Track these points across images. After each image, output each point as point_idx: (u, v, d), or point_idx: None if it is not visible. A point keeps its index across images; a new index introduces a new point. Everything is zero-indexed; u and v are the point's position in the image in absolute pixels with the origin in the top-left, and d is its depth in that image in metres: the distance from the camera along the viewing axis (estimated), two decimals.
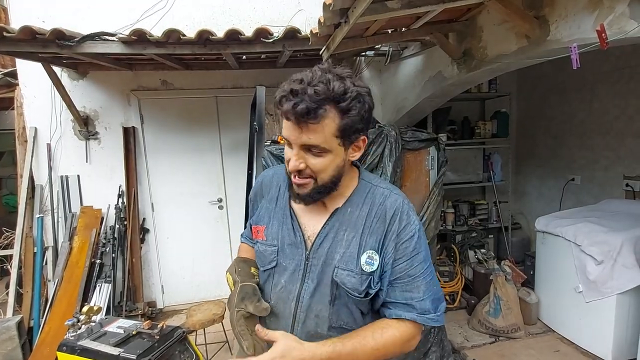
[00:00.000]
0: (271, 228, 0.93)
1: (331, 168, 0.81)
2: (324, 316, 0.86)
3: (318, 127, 0.75)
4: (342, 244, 0.86)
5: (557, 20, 1.56)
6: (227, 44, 2.19)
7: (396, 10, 1.44)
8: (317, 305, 0.86)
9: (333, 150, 0.79)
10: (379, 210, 0.87)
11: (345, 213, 0.88)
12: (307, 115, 0.73)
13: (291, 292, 0.87)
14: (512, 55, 1.82)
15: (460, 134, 3.79)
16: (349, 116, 0.76)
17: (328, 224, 0.88)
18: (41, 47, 2.04)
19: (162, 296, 3.52)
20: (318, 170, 0.80)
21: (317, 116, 0.73)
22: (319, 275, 0.86)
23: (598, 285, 2.40)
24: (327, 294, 0.85)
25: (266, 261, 0.92)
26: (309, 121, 0.74)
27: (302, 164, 0.80)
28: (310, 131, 0.75)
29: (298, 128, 0.76)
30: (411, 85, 2.85)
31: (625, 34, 1.27)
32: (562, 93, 3.54)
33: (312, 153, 0.79)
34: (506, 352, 2.63)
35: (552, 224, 2.78)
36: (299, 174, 0.81)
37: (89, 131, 3.12)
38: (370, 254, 0.84)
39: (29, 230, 3.01)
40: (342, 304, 0.86)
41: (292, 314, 0.87)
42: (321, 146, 0.77)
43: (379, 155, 2.10)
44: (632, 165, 2.95)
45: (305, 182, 0.82)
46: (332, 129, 0.76)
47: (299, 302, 0.87)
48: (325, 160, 0.79)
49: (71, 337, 1.77)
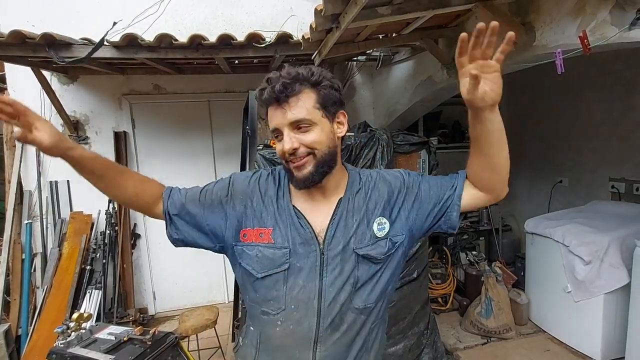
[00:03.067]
0: (278, 230, 0.90)
1: (324, 139, 0.86)
2: (348, 302, 0.89)
3: (299, 101, 0.83)
4: (353, 228, 0.90)
5: (542, 26, 1.60)
6: (220, 49, 2.20)
7: (386, 16, 1.47)
8: (340, 294, 0.88)
9: (319, 123, 0.85)
10: (370, 184, 0.96)
11: (348, 201, 0.93)
12: (285, 90, 0.81)
13: (312, 291, 0.87)
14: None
15: (451, 138, 3.85)
16: (321, 88, 0.86)
17: (337, 214, 0.91)
18: (31, 52, 2.03)
19: (154, 302, 3.48)
20: (312, 143, 0.84)
21: (294, 89, 0.82)
22: (340, 264, 0.88)
23: (586, 285, 2.44)
24: (350, 278, 0.88)
25: (274, 265, 0.88)
26: (289, 96, 0.82)
27: (296, 142, 0.84)
28: (292, 107, 0.83)
29: (281, 109, 0.83)
30: (402, 89, 2.89)
31: (607, 39, 1.32)
32: (549, 98, 3.62)
33: (302, 130, 0.84)
34: (498, 353, 2.65)
35: (541, 226, 2.83)
36: (295, 155, 0.84)
37: (79, 136, 3.09)
38: (379, 220, 0.92)
39: (17, 236, 2.97)
40: (363, 284, 0.90)
41: (315, 312, 0.87)
42: (307, 118, 0.83)
43: (370, 159, 2.13)
44: (618, 168, 3.02)
45: (304, 161, 0.85)
46: (311, 102, 0.84)
47: (322, 298, 0.87)
48: (315, 132, 0.85)
49: (61, 345, 1.75)
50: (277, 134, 0.87)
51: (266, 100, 0.85)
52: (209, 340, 2.67)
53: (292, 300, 0.88)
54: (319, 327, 0.87)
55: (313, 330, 0.87)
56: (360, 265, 0.89)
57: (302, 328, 0.88)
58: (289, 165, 0.87)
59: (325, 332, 0.88)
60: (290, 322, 0.88)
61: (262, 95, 0.85)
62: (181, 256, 3.49)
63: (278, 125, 0.85)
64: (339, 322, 0.89)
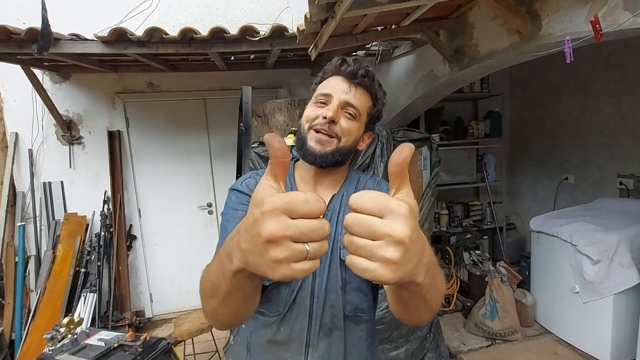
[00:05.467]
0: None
1: (354, 136, 0.87)
2: (338, 304, 0.84)
3: (363, 95, 0.87)
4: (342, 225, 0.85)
5: (548, 14, 1.52)
6: (212, 43, 2.13)
7: (384, 4, 1.39)
8: (330, 294, 0.84)
9: (360, 121, 0.88)
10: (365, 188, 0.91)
11: (341, 197, 0.90)
12: (365, 77, 0.85)
13: (305, 289, 0.85)
14: (504, 52, 1.78)
15: (453, 134, 3.75)
16: (377, 105, 0.91)
17: (329, 210, 0.88)
18: (17, 48, 1.96)
19: (151, 305, 3.41)
20: (346, 131, 0.85)
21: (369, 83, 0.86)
22: (329, 263, 0.84)
23: (595, 286, 2.36)
24: (338, 279, 0.84)
25: None
26: (362, 84, 0.85)
27: (338, 117, 0.84)
28: (357, 93, 0.85)
29: (347, 85, 0.85)
30: (403, 85, 2.81)
31: (619, 25, 1.23)
32: (555, 92, 3.52)
33: (346, 115, 0.85)
34: (503, 356, 2.57)
35: (547, 224, 2.74)
36: (329, 126, 0.83)
37: (72, 136, 3.02)
38: None
39: (10, 239, 2.90)
40: (352, 288, 0.86)
41: (308, 312, 0.84)
42: (358, 110, 0.85)
43: (370, 156, 2.05)
44: (626, 164, 2.93)
45: (328, 140, 0.84)
46: (367, 105, 0.88)
47: (314, 297, 0.84)
48: (354, 125, 0.86)
49: (49, 351, 1.69)
50: (323, 100, 0.86)
51: (342, 71, 0.85)
52: (206, 344, 2.61)
53: (290, 301, 0.85)
54: (311, 329, 0.84)
55: (305, 332, 0.84)
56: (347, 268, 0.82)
57: (294, 330, 0.84)
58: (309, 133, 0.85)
59: (317, 336, 0.84)
60: (283, 324, 0.85)
61: (342, 64, 0.86)
62: (178, 258, 3.43)
63: (336, 93, 0.84)
64: (330, 326, 0.85)
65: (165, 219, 3.37)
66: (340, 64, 0.86)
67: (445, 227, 3.68)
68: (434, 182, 2.29)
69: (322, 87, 0.87)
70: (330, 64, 0.89)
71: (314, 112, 0.85)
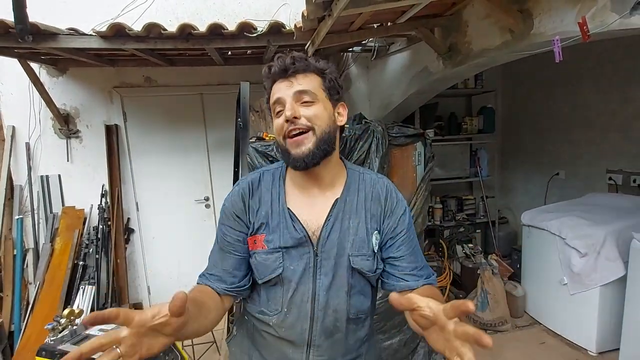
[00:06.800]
0: (271, 235, 0.87)
1: (325, 117, 0.85)
2: (342, 309, 0.86)
3: (306, 78, 0.84)
4: (350, 232, 0.87)
5: (540, 14, 1.56)
6: (210, 39, 2.14)
7: (380, 3, 1.43)
8: (334, 299, 0.86)
9: (322, 101, 0.85)
10: (374, 194, 0.92)
11: (345, 201, 0.89)
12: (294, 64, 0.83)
13: (305, 294, 0.85)
14: (496, 50, 1.82)
15: (447, 130, 3.81)
16: (327, 74, 0.87)
17: (332, 215, 0.87)
18: (15, 43, 1.96)
19: (148, 297, 3.45)
20: (313, 116, 0.83)
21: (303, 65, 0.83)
22: (333, 268, 0.85)
23: (582, 278, 2.44)
24: (344, 284, 0.86)
25: (268, 270, 0.86)
26: (297, 71, 0.83)
27: (298, 112, 0.82)
28: (299, 80, 0.83)
29: (288, 81, 0.83)
30: (398, 81, 2.84)
31: (607, 26, 1.28)
32: (546, 89, 3.58)
33: (304, 104, 0.83)
34: (493, 345, 2.64)
35: (537, 218, 2.81)
36: (295, 125, 0.82)
37: (69, 129, 3.03)
38: (377, 234, 0.89)
39: (8, 232, 2.92)
40: (357, 292, 0.88)
41: (309, 316, 0.85)
42: (312, 91, 0.83)
43: (365, 151, 2.09)
44: (615, 160, 3.00)
45: (304, 137, 0.82)
46: (317, 82, 0.85)
47: (315, 301, 0.85)
48: (317, 108, 0.84)
49: (51, 341, 1.72)
50: (279, 108, 0.84)
51: (274, 74, 0.85)
52: (204, 336, 2.66)
53: (287, 303, 0.87)
54: (312, 331, 0.86)
55: (306, 334, 0.86)
56: (355, 273, 0.87)
57: (295, 331, 0.86)
58: (287, 143, 0.84)
59: (319, 338, 0.86)
60: (283, 324, 0.87)
61: (270, 70, 0.85)
62: (175, 251, 3.47)
63: (282, 95, 0.83)
64: (332, 329, 0.87)
65: (162, 213, 3.40)
66: (269, 71, 0.85)
67: (439, 221, 3.75)
68: (427, 177, 2.34)
69: (272, 98, 0.86)
70: (263, 76, 0.88)
71: (278, 122, 0.84)
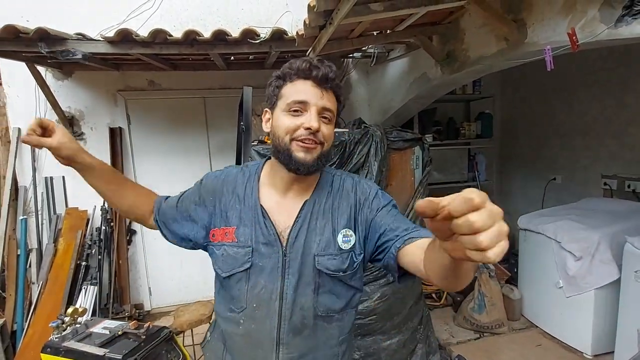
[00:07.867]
0: (243, 229, 0.89)
1: (331, 139, 0.89)
2: (309, 307, 0.87)
3: (331, 97, 0.87)
4: (317, 232, 0.89)
5: (534, 23, 1.62)
6: (214, 45, 2.20)
7: (379, 12, 1.48)
8: (301, 298, 0.87)
9: (333, 123, 0.89)
10: (342, 192, 0.94)
11: (314, 203, 0.91)
12: (332, 80, 0.84)
13: (273, 292, 0.86)
14: (492, 57, 1.88)
15: (445, 135, 3.86)
16: (341, 101, 0.91)
17: (300, 216, 0.89)
18: (25, 47, 2.02)
19: (150, 298, 3.49)
20: (327, 135, 0.86)
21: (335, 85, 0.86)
22: (299, 268, 0.87)
23: (577, 281, 2.47)
24: (310, 283, 0.87)
25: (237, 264, 0.88)
26: (333, 86, 0.85)
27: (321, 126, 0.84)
28: (328, 96, 0.85)
29: (318, 90, 0.84)
30: (397, 86, 2.90)
31: (595, 36, 1.33)
32: (543, 95, 3.64)
33: (323, 120, 0.85)
34: (490, 348, 2.69)
35: (533, 222, 2.85)
36: (314, 137, 0.83)
37: (74, 132, 3.08)
38: (345, 232, 0.89)
39: (12, 232, 2.96)
40: (325, 291, 0.88)
41: (277, 313, 0.86)
42: (333, 113, 0.87)
43: (364, 155, 2.14)
44: (610, 165, 3.05)
45: (315, 147, 0.84)
46: (336, 106, 0.89)
47: (283, 299, 0.86)
48: (331, 129, 0.88)
49: (55, 339, 1.76)
50: (298, 108, 0.83)
51: (306, 74, 0.83)
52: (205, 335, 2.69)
53: (254, 299, 0.88)
54: (281, 328, 0.87)
55: (275, 331, 0.87)
56: (322, 272, 0.88)
57: (263, 328, 0.87)
58: (292, 144, 0.83)
59: (287, 335, 0.87)
60: (251, 322, 0.88)
61: (312, 70, 0.83)
62: (177, 252, 3.46)
63: (310, 100, 0.83)
64: (300, 326, 0.87)
65: None
66: (310, 68, 0.83)
67: None
68: (425, 181, 2.39)
69: (294, 94, 0.84)
70: (293, 67, 0.85)
71: (293, 122, 0.83)
